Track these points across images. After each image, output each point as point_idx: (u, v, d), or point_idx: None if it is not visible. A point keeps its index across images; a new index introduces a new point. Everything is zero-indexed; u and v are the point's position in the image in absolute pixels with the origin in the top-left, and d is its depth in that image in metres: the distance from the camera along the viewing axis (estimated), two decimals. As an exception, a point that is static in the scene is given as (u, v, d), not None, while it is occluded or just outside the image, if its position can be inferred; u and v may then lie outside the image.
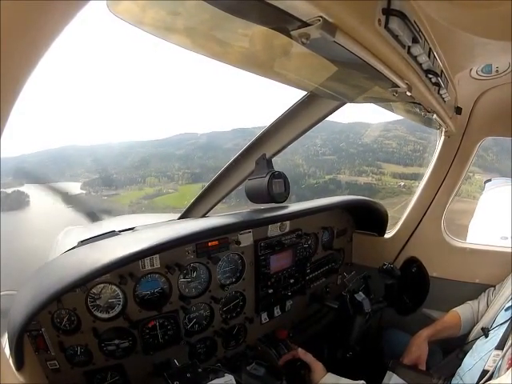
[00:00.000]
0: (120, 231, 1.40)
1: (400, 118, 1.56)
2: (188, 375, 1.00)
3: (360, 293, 1.50)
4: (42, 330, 0.95)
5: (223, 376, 1.06)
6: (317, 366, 1.29)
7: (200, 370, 1.02)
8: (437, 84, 0.89)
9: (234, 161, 1.51)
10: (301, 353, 1.35)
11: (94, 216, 1.89)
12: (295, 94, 1.28)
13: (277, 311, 1.56)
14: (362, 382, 1.19)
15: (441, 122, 1.38)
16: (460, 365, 1.33)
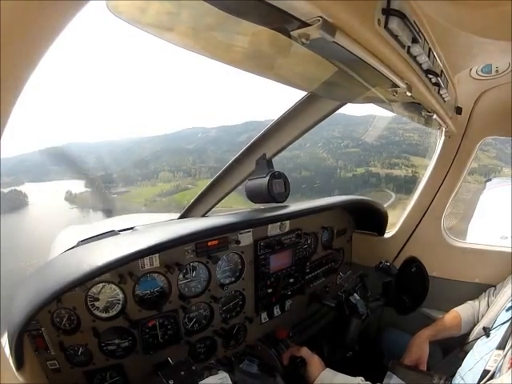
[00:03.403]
0: (120, 231, 1.41)
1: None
2: (182, 373, 0.98)
3: (355, 294, 1.51)
4: (42, 329, 0.95)
5: (217, 373, 1.05)
6: (312, 360, 1.28)
7: (194, 367, 1.01)
8: (437, 84, 0.89)
9: (235, 161, 1.51)
10: (295, 349, 1.35)
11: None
12: (295, 94, 1.28)
13: (276, 311, 1.56)
14: (361, 378, 1.19)
15: (441, 122, 1.38)
16: (461, 365, 1.33)
